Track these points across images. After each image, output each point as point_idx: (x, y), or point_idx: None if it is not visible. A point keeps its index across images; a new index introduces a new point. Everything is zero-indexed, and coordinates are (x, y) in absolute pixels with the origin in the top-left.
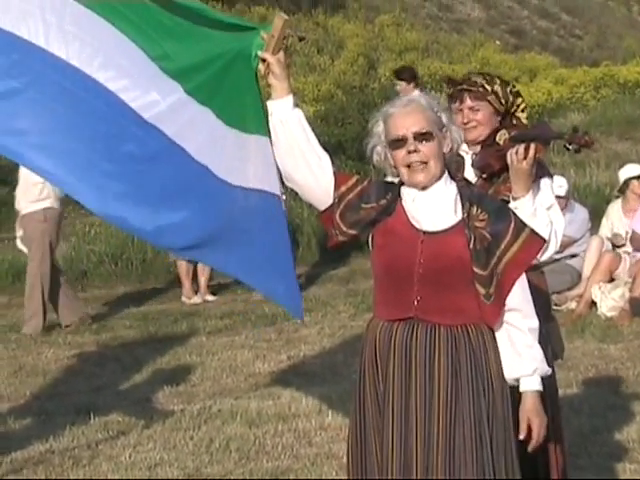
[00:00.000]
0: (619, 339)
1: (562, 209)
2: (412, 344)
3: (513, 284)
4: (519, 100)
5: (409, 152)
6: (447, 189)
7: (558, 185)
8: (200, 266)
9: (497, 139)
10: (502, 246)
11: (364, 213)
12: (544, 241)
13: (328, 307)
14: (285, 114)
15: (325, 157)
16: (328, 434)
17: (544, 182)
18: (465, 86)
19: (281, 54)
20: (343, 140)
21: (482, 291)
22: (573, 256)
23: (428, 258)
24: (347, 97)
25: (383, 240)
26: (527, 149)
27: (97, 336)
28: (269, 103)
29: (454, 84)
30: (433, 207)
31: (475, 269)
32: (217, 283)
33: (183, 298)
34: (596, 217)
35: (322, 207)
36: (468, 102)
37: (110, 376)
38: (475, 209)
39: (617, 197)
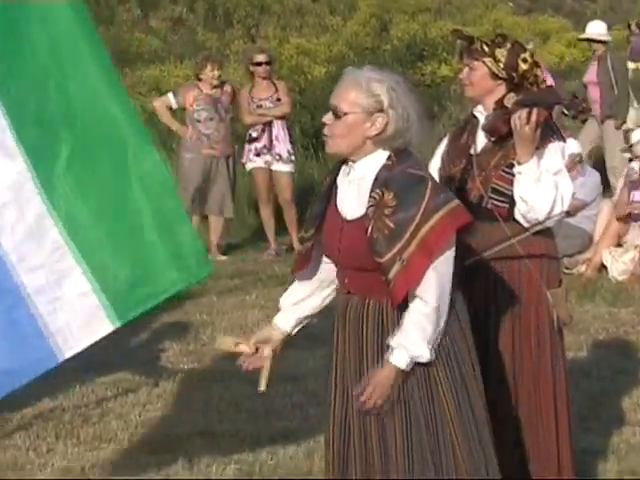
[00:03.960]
0: (629, 303)
1: (574, 172)
2: (347, 316)
3: (423, 271)
4: (537, 71)
5: (323, 122)
6: (369, 173)
7: (570, 148)
8: (212, 225)
9: (505, 102)
10: (408, 233)
11: (314, 209)
12: (464, 221)
13: None
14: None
15: (323, 271)
16: None
17: (553, 146)
18: (464, 43)
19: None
20: None
21: (383, 278)
22: None
23: (345, 245)
24: (359, 58)
25: (323, 226)
26: (530, 114)
27: None
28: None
29: (459, 37)
30: (353, 193)
31: (374, 257)
32: (227, 243)
33: None
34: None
35: None
36: (466, 60)
37: (119, 335)
38: (387, 193)
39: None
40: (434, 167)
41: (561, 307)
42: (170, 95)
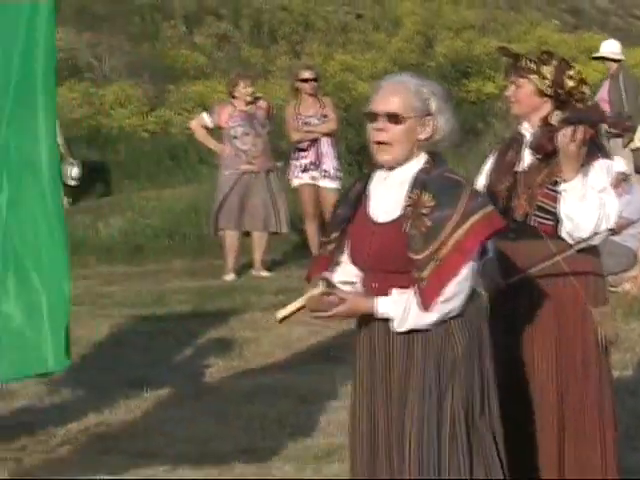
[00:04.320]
0: None
1: (620, 190)
2: (374, 325)
3: (455, 272)
4: (584, 88)
5: (377, 129)
6: (406, 175)
7: (616, 166)
8: (256, 242)
9: (551, 120)
10: (444, 233)
11: (338, 214)
12: (499, 226)
13: None
14: None
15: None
16: None
17: (599, 164)
18: (510, 60)
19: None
20: None
21: (415, 275)
22: None
23: (376, 248)
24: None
25: (350, 231)
26: (575, 131)
27: (151, 310)
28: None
29: (505, 54)
30: (388, 196)
31: (409, 254)
32: (271, 259)
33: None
34: None
35: None
36: (512, 77)
37: (164, 350)
38: (425, 194)
39: None
40: (480, 184)
41: (607, 325)
42: (205, 114)
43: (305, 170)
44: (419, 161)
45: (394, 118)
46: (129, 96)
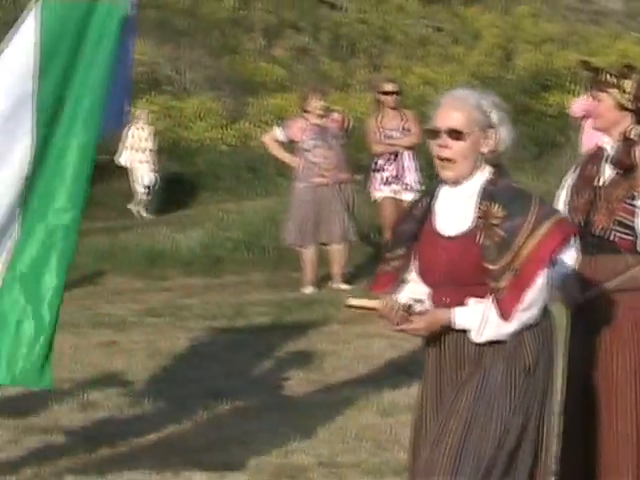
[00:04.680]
0: None
1: None
2: (443, 340)
3: (532, 281)
4: None
5: (440, 146)
6: (473, 188)
7: None
8: (334, 254)
9: (631, 134)
10: (518, 243)
11: (403, 231)
12: (570, 232)
13: None
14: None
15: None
16: None
17: None
18: (590, 74)
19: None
20: None
21: (493, 284)
22: None
23: (446, 262)
24: (483, 88)
25: (418, 248)
26: None
27: (231, 322)
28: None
29: (586, 68)
30: (456, 209)
31: (485, 264)
32: (350, 271)
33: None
34: None
35: None
36: (591, 91)
37: (243, 362)
38: (494, 205)
39: None
40: (561, 199)
41: None
42: (277, 129)
43: (387, 183)
44: (484, 173)
45: (456, 134)
46: (209, 109)
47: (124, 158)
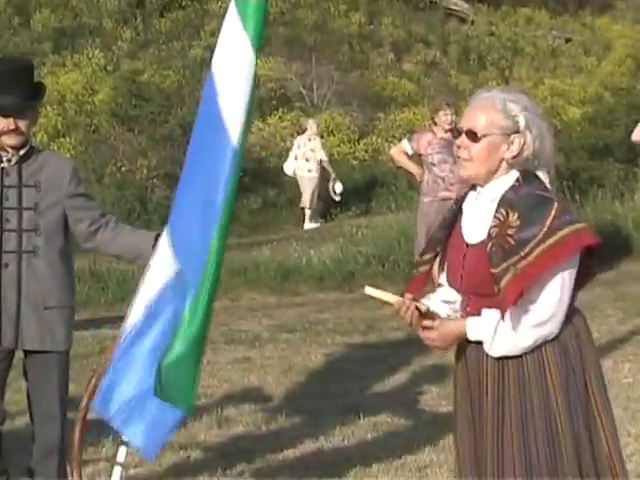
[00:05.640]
0: None
1: None
2: (468, 350)
3: (535, 278)
4: None
5: (457, 146)
6: (496, 194)
7: None
8: None
9: None
10: (527, 249)
11: (436, 234)
12: (588, 242)
13: (596, 311)
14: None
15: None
16: None
17: None
18: None
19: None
20: (611, 142)
21: (496, 288)
22: None
23: (467, 270)
24: (615, 99)
25: (448, 253)
26: None
27: (365, 337)
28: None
29: None
30: (478, 215)
31: (491, 269)
32: None
33: None
34: None
35: None
36: None
37: (378, 377)
38: (512, 214)
39: None
40: None
41: None
42: (405, 142)
43: None
44: (509, 179)
45: (472, 135)
46: (338, 124)
47: (291, 167)
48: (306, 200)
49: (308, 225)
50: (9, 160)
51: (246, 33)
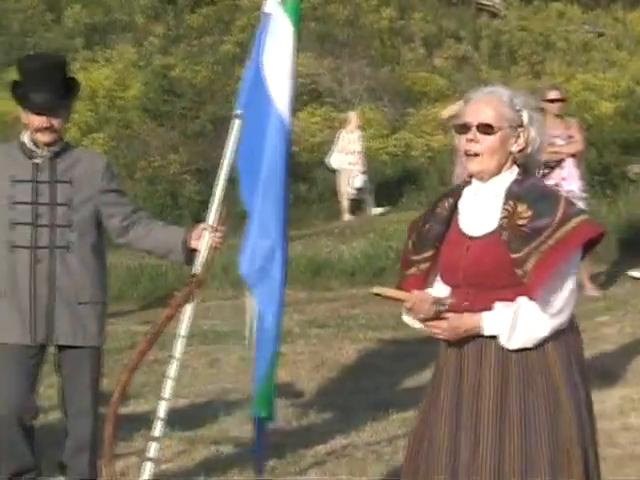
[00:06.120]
0: None
1: None
2: (466, 341)
3: (560, 262)
4: None
5: (468, 140)
6: (500, 188)
7: None
8: None
9: None
10: (545, 234)
11: (428, 231)
12: (598, 231)
13: (628, 306)
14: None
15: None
16: (631, 435)
17: None
18: None
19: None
20: None
21: (519, 272)
22: None
23: (470, 262)
24: None
25: (442, 249)
26: None
27: (395, 332)
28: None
29: None
30: (482, 209)
31: (511, 254)
32: None
33: None
34: None
35: None
36: None
37: (408, 373)
38: (521, 205)
39: None
40: None
41: None
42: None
43: None
44: (511, 173)
45: (486, 129)
46: (369, 119)
47: (335, 161)
48: (346, 192)
49: (348, 217)
50: (42, 156)
51: (287, 15)
